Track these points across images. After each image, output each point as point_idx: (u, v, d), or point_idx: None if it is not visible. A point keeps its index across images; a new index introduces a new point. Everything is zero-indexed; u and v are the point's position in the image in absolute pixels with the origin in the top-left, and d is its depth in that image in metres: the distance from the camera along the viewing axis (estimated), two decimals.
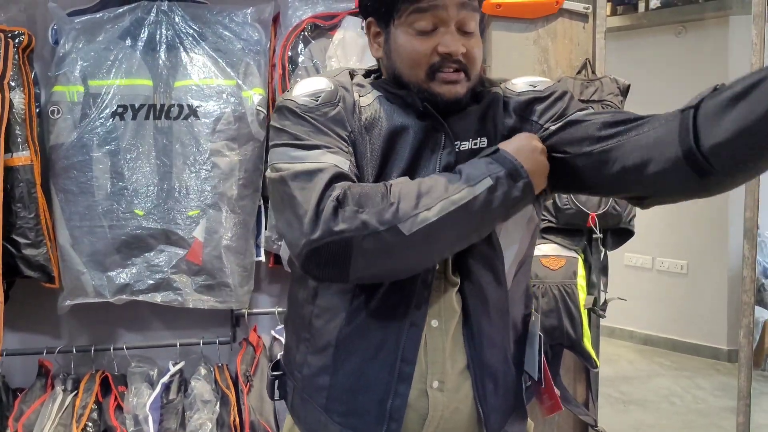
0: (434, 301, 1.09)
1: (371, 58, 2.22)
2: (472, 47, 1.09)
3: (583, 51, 2.40)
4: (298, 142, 1.04)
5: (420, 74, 1.09)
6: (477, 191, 0.99)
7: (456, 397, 1.11)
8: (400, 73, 1.11)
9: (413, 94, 1.10)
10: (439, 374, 1.09)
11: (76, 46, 2.09)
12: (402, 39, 1.09)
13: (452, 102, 1.09)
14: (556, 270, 2.25)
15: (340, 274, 0.98)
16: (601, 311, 2.32)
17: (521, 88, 1.19)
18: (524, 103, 1.17)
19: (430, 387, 1.09)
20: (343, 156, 1.04)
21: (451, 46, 1.06)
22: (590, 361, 2.30)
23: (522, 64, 2.34)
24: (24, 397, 2.11)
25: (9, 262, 2.03)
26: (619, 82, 2.33)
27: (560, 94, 1.18)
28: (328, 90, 1.11)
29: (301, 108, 1.08)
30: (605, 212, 2.23)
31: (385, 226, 0.95)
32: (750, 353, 2.42)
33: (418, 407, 1.09)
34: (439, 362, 1.09)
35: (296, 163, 1.02)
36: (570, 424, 2.47)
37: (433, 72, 1.08)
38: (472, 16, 1.09)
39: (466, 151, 1.12)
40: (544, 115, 1.15)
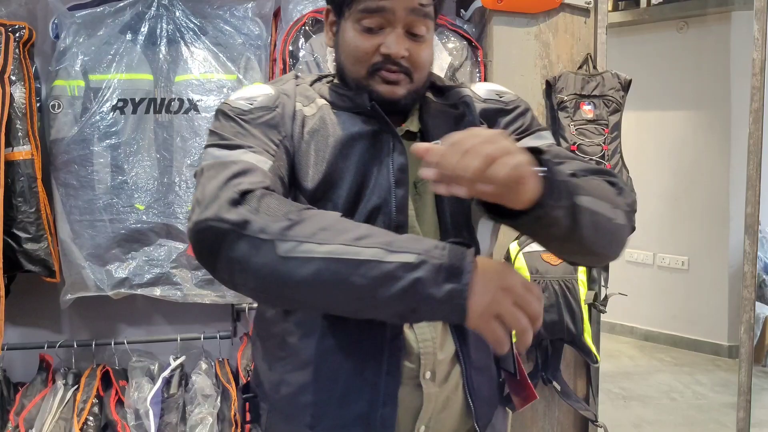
0: None
1: None
2: (419, 51, 1.08)
3: (584, 46, 2.40)
4: (223, 143, 1.02)
5: (361, 71, 1.09)
6: (388, 258, 0.82)
7: (447, 387, 1.10)
8: (343, 66, 1.12)
9: (361, 94, 1.09)
10: (431, 365, 1.07)
11: (76, 41, 2.09)
12: (349, 33, 1.09)
13: (390, 102, 1.08)
14: (556, 265, 2.24)
15: (210, 268, 0.91)
16: (601, 306, 2.32)
17: (486, 95, 1.20)
18: (491, 111, 1.17)
19: (423, 378, 1.07)
20: (266, 157, 1.01)
21: (392, 47, 1.05)
22: (591, 357, 2.30)
23: (523, 59, 2.34)
24: (25, 391, 2.11)
25: (10, 256, 2.03)
26: (620, 78, 2.32)
27: (523, 110, 1.19)
28: (266, 95, 1.10)
29: (234, 111, 1.07)
30: None
31: (265, 236, 0.85)
32: (751, 349, 2.43)
33: (411, 402, 1.07)
34: (430, 353, 1.07)
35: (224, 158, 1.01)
36: (570, 420, 2.47)
37: (375, 71, 1.08)
38: (422, 21, 1.07)
39: None
40: (508, 128, 1.16)
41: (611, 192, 1.02)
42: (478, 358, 1.13)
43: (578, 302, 2.23)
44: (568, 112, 2.28)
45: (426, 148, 0.83)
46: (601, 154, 2.24)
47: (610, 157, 2.24)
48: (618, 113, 2.30)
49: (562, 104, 2.28)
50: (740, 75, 4.27)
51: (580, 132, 2.26)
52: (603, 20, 2.39)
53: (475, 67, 2.33)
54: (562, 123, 2.27)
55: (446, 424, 1.12)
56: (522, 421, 2.41)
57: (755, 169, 2.36)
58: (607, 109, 2.28)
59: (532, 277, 2.22)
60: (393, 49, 1.05)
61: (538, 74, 2.36)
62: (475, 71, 2.33)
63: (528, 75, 2.35)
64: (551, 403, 2.44)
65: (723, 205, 4.53)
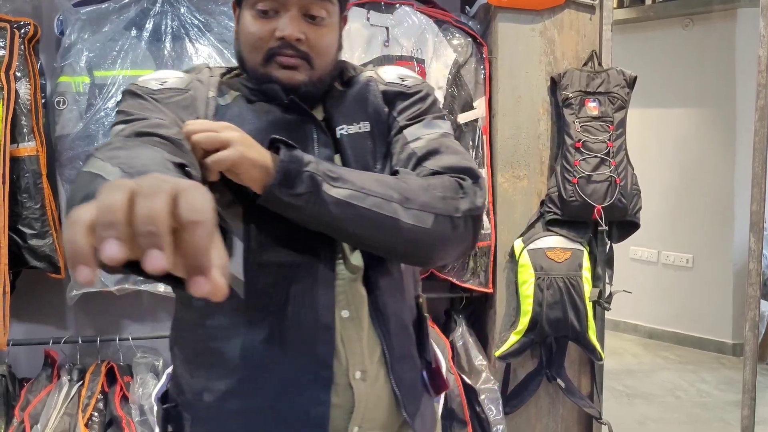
0: (341, 292, 1.05)
1: (377, 49, 2.23)
2: (318, 35, 1.05)
3: (589, 43, 2.39)
4: (129, 118, 0.97)
5: (257, 58, 1.05)
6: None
7: (377, 385, 1.08)
8: (243, 56, 1.08)
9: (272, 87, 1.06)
10: (359, 364, 1.05)
11: (81, 37, 2.10)
12: (246, 20, 1.06)
13: (290, 88, 1.05)
14: (561, 262, 2.24)
15: None
16: (606, 304, 2.32)
17: (390, 78, 1.17)
18: (392, 94, 1.15)
19: (354, 378, 1.05)
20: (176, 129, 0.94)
21: (286, 29, 1.02)
22: (595, 354, 2.30)
23: (528, 56, 2.34)
24: (30, 386, 2.12)
25: (15, 252, 2.03)
26: (625, 74, 2.32)
27: (423, 95, 1.16)
28: (178, 78, 1.07)
29: (142, 90, 1.03)
30: (611, 204, 2.22)
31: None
32: (755, 347, 2.42)
33: (343, 403, 1.05)
34: (357, 352, 1.05)
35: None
36: (574, 417, 2.47)
37: (271, 56, 1.04)
38: (320, 4, 1.04)
39: (352, 135, 1.09)
40: (403, 113, 1.13)
41: (444, 194, 1.01)
42: (400, 347, 1.11)
43: (583, 299, 2.23)
44: (573, 109, 2.27)
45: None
46: (606, 151, 2.23)
47: (615, 154, 2.24)
48: (623, 110, 2.29)
49: (567, 101, 2.28)
50: (746, 72, 4.26)
51: (585, 129, 2.25)
52: (608, 17, 2.39)
53: (479, 63, 2.33)
54: (567, 120, 2.27)
55: (377, 420, 1.09)
56: (526, 418, 2.42)
57: (761, 167, 2.35)
58: (612, 106, 2.28)
59: (536, 274, 2.22)
60: (287, 31, 1.02)
61: (543, 71, 2.35)
62: (480, 68, 2.33)
63: (533, 72, 2.34)
64: (555, 401, 2.44)
65: (728, 203, 4.51)
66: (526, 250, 2.27)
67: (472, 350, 2.32)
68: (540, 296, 2.22)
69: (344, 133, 1.09)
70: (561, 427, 2.46)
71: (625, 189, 2.24)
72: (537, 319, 2.22)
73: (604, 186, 2.22)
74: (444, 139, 1.11)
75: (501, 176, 2.33)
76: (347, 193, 0.94)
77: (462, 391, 2.15)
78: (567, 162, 2.25)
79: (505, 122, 2.33)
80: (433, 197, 1.00)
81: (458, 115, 2.27)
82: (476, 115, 2.30)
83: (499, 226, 2.34)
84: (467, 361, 2.30)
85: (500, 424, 2.20)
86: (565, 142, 2.27)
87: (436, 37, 2.28)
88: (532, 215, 2.36)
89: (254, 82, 1.08)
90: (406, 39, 2.24)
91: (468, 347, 2.33)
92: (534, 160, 2.36)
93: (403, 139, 1.11)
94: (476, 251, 2.30)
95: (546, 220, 2.31)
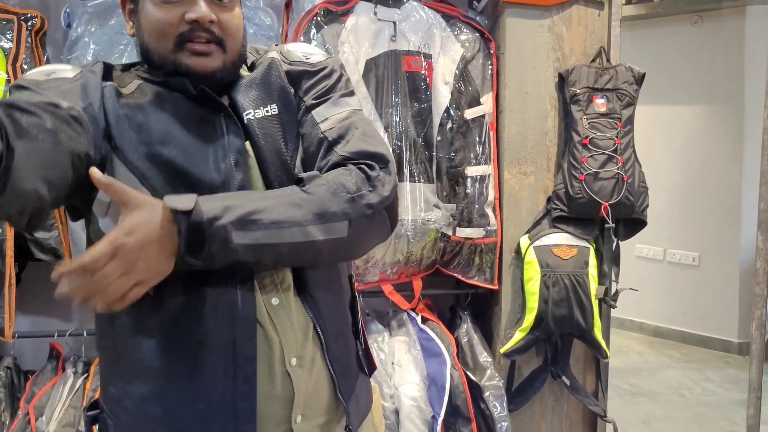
0: (265, 280, 1.02)
1: (384, 43, 2.22)
2: (228, 17, 1.03)
3: (598, 39, 2.38)
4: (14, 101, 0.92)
5: (168, 45, 1.01)
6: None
7: (314, 369, 1.06)
8: (149, 47, 1.03)
9: (180, 79, 1.03)
10: (294, 350, 1.03)
11: (88, 30, 2.09)
12: (148, 9, 1.02)
13: (203, 76, 1.02)
14: (567, 259, 2.23)
15: None
16: (612, 301, 2.31)
17: (294, 57, 1.15)
18: (296, 73, 1.13)
19: (290, 365, 1.02)
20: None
21: (199, 11, 0.99)
22: (600, 351, 2.29)
23: (536, 52, 2.32)
24: (35, 379, 2.13)
25: (21, 245, 2.03)
26: (634, 71, 2.30)
27: (328, 72, 1.14)
28: (66, 69, 1.04)
29: (29, 82, 0.99)
30: (618, 202, 2.21)
31: None
32: (762, 345, 2.41)
33: (283, 393, 1.03)
34: (291, 338, 1.03)
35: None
36: (579, 415, 2.46)
37: (182, 42, 1.01)
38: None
39: (260, 120, 1.07)
40: (309, 92, 1.12)
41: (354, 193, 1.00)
42: (334, 328, 1.10)
43: (588, 297, 2.22)
44: (580, 105, 2.26)
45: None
46: (614, 148, 2.22)
47: (622, 151, 2.22)
48: (631, 107, 2.28)
49: (575, 97, 2.26)
50: (755, 70, 4.23)
51: (593, 126, 2.24)
52: (617, 13, 2.37)
53: (487, 59, 2.31)
54: (574, 116, 2.26)
55: (319, 406, 1.08)
56: (531, 416, 2.41)
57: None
58: (620, 103, 2.26)
59: (542, 271, 2.21)
60: (200, 13, 0.99)
61: (551, 67, 2.34)
62: (488, 63, 2.32)
63: (541, 68, 2.33)
64: (560, 398, 2.43)
65: (735, 201, 4.50)
66: (532, 246, 2.26)
67: (477, 347, 2.31)
68: (546, 293, 2.21)
69: (252, 118, 1.07)
70: (565, 424, 2.46)
71: (632, 186, 2.23)
72: (542, 317, 2.21)
73: (612, 183, 2.21)
74: (354, 118, 1.10)
75: (508, 172, 2.33)
76: (259, 235, 0.92)
77: (467, 388, 2.15)
78: (574, 159, 2.24)
79: (512, 118, 2.32)
80: (343, 202, 0.99)
81: (465, 110, 2.26)
82: (483, 111, 2.29)
83: (505, 222, 2.33)
84: (472, 357, 2.30)
85: (505, 421, 2.19)
86: (573, 138, 2.26)
87: (444, 32, 2.27)
88: (538, 212, 2.35)
89: (161, 73, 1.04)
90: (414, 34, 2.23)
91: (473, 344, 2.32)
92: (541, 156, 2.35)
93: (311, 120, 1.10)
94: (482, 248, 2.29)
95: (552, 217, 2.30)
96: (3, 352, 2.19)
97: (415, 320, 2.29)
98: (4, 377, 2.10)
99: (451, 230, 2.27)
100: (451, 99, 2.24)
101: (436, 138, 2.24)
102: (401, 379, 2.12)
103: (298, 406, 1.04)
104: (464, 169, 2.27)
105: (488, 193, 2.30)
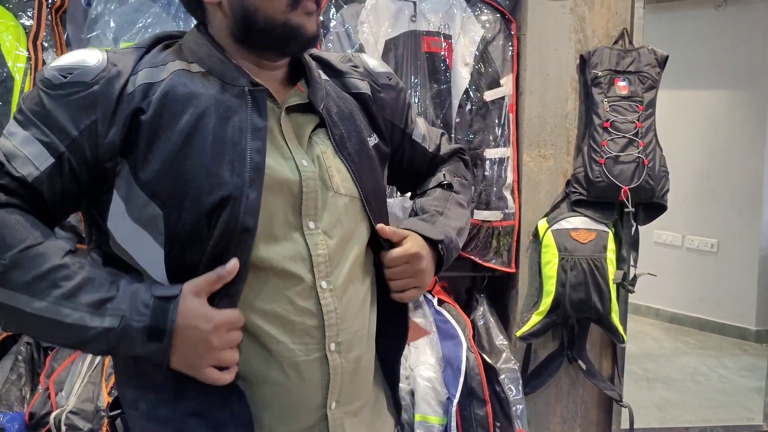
0: (321, 262, 1.00)
1: (404, 23, 2.20)
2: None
3: (620, 20, 2.34)
4: (21, 118, 0.94)
5: (280, 6, 0.97)
6: (92, 323, 0.86)
7: (352, 356, 1.04)
8: (255, 12, 0.97)
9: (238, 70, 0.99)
10: (335, 336, 1.01)
11: (108, 8, 2.09)
12: None
13: (309, 39, 1.01)
14: (585, 243, 2.22)
15: None
16: (630, 286, 2.29)
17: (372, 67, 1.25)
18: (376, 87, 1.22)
19: (329, 351, 1.00)
20: (50, 151, 0.91)
21: None
22: (617, 336, 2.28)
23: (557, 33, 2.30)
24: (55, 355, 2.15)
25: None
26: (657, 54, 2.27)
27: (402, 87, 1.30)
28: (87, 67, 0.94)
29: (44, 82, 0.94)
30: (638, 186, 2.19)
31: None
32: None
33: (319, 378, 1.00)
34: (333, 324, 1.00)
35: (7, 140, 0.92)
36: (594, 399, 2.46)
37: (297, 1, 0.98)
38: None
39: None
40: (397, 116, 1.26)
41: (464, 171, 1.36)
42: (380, 317, 1.13)
43: (606, 281, 2.20)
44: (602, 88, 2.23)
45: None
46: (635, 132, 2.19)
47: (643, 135, 2.20)
48: (653, 90, 2.25)
49: (596, 80, 2.24)
50: None
51: (614, 109, 2.22)
52: None
53: (507, 40, 2.29)
54: (595, 99, 2.23)
55: (355, 393, 1.07)
56: (546, 399, 2.41)
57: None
58: (642, 86, 2.23)
59: (560, 255, 2.20)
60: None
61: (573, 48, 2.31)
62: (508, 44, 2.29)
63: (562, 49, 2.30)
64: (576, 382, 2.43)
65: (756, 188, 4.44)
66: (550, 230, 2.25)
67: (493, 330, 2.31)
68: (563, 277, 2.20)
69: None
70: (580, 408, 2.45)
71: (652, 170, 2.21)
72: (560, 300, 2.20)
73: (632, 167, 2.19)
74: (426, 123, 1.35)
75: (527, 155, 2.31)
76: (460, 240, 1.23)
77: (482, 370, 2.15)
78: (594, 142, 2.22)
79: (532, 100, 2.30)
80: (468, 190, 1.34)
81: (485, 92, 2.25)
82: (503, 93, 2.27)
83: (524, 205, 2.32)
84: (488, 340, 2.30)
85: (520, 404, 2.19)
86: (593, 121, 2.23)
87: (464, 12, 2.25)
88: (557, 195, 2.33)
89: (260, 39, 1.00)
90: (434, 14, 2.21)
91: (489, 327, 2.32)
92: (561, 139, 2.33)
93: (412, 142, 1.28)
94: (500, 230, 2.28)
95: (571, 200, 2.28)
96: None
97: (431, 302, 2.29)
98: (24, 353, 2.12)
99: None
100: (470, 80, 2.23)
101: (455, 120, 2.23)
102: (417, 360, 2.12)
103: (333, 393, 1.02)
104: (483, 152, 2.26)
105: (507, 175, 2.28)
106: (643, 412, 3.30)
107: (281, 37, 0.99)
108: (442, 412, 2.06)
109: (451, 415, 2.05)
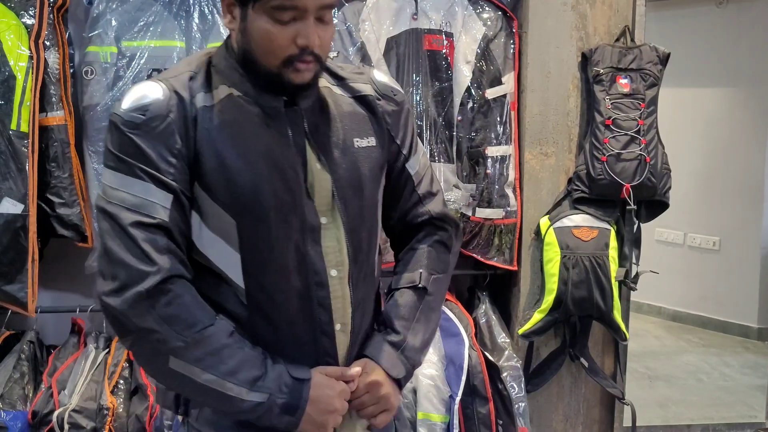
0: (330, 253, 1.14)
1: (405, 21, 2.20)
2: (326, 35, 1.10)
3: (622, 18, 2.34)
4: (122, 165, 1.04)
5: (274, 62, 1.07)
6: (248, 397, 1.04)
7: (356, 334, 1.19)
8: (254, 57, 1.08)
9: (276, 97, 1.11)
10: (341, 318, 1.15)
11: (109, 7, 2.09)
12: (260, 24, 1.05)
13: (302, 87, 1.10)
14: (587, 241, 2.22)
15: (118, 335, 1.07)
16: (632, 284, 2.29)
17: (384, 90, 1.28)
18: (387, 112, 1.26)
19: (336, 330, 1.15)
20: (165, 191, 1.04)
21: (309, 39, 1.05)
22: (620, 334, 2.28)
23: (559, 31, 2.29)
24: (57, 353, 2.15)
25: (43, 221, 2.05)
26: (658, 51, 2.27)
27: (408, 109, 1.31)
28: (156, 100, 1.06)
29: (127, 125, 1.04)
30: (640, 183, 2.19)
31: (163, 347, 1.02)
32: None
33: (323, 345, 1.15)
34: (340, 308, 1.15)
35: (124, 193, 1.03)
36: (597, 397, 2.46)
37: (290, 62, 1.07)
38: (330, 8, 1.09)
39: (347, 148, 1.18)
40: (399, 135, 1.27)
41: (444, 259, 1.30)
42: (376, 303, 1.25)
43: (608, 279, 2.20)
44: (603, 85, 2.23)
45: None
46: (637, 129, 2.19)
47: (645, 132, 2.20)
48: (655, 87, 2.25)
49: (598, 77, 2.24)
50: None
51: (616, 106, 2.22)
52: None
53: (509, 38, 2.29)
54: (597, 97, 2.23)
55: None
56: (548, 397, 2.41)
57: None
58: (644, 83, 2.23)
59: (562, 253, 2.20)
60: (310, 40, 1.05)
61: (574, 46, 2.31)
62: (510, 42, 2.29)
63: (563, 47, 2.30)
64: (578, 380, 2.43)
65: (758, 186, 4.43)
66: (552, 227, 2.25)
67: (495, 327, 2.31)
68: (565, 275, 2.20)
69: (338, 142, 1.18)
70: (583, 406, 2.45)
71: (654, 168, 2.20)
72: (562, 298, 2.20)
73: (634, 164, 2.19)
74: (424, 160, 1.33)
75: (528, 153, 2.31)
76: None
77: (484, 368, 2.15)
78: (596, 139, 2.22)
79: (533, 98, 2.30)
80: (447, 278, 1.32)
81: (486, 90, 2.25)
82: (504, 91, 2.27)
83: (526, 203, 2.32)
84: (490, 338, 2.30)
85: (522, 402, 2.19)
86: (595, 119, 2.23)
87: (466, 10, 2.25)
88: (559, 193, 2.33)
89: (259, 79, 1.10)
90: (435, 12, 2.21)
91: (491, 324, 2.32)
92: (562, 137, 2.33)
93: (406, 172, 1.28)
94: (502, 228, 2.28)
95: (573, 198, 2.28)
96: (26, 326, 2.22)
97: None
98: (27, 351, 2.12)
99: (470, 210, 2.26)
100: (472, 78, 2.23)
101: (457, 118, 2.23)
102: None
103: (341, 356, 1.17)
104: (485, 149, 2.26)
105: (508, 173, 2.28)
106: (646, 410, 3.30)
107: (276, 83, 1.10)
108: (445, 410, 2.07)
109: (454, 413, 2.06)
